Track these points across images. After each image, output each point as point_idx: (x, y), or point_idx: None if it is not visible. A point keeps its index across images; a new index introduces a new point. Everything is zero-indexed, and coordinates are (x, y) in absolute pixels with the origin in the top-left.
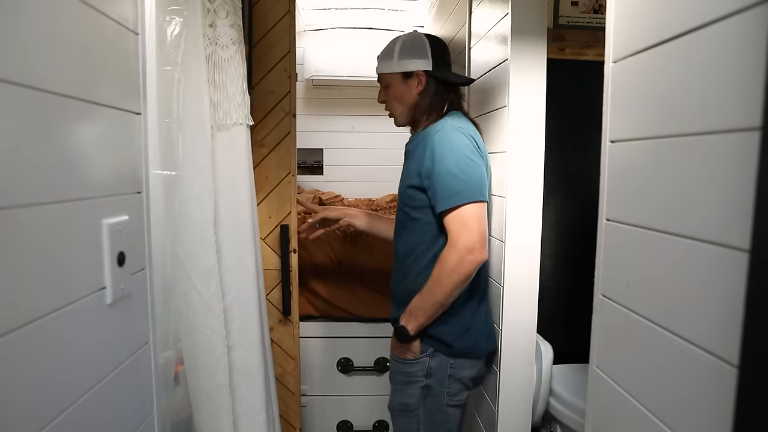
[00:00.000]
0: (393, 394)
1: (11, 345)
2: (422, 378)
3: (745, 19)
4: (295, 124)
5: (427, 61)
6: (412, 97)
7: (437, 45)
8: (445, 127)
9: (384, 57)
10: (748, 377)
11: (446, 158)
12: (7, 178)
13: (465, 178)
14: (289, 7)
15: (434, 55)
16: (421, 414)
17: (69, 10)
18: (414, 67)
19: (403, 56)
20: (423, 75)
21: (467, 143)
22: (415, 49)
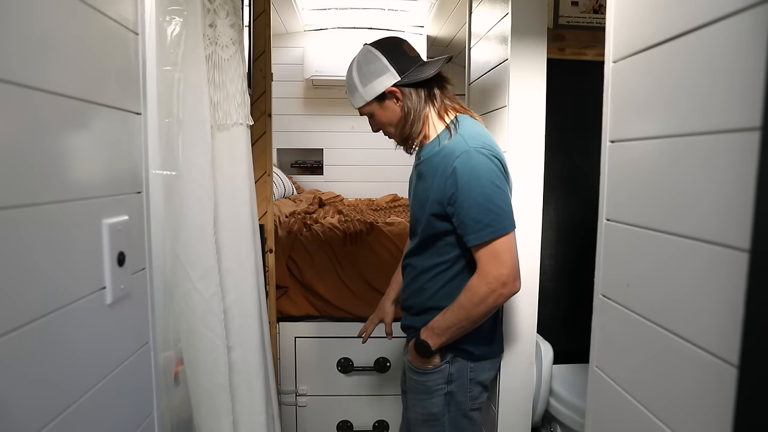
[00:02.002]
0: (413, 405)
1: (11, 345)
2: (444, 385)
3: (745, 19)
4: (271, 123)
5: (389, 73)
6: (397, 115)
7: (391, 48)
8: (468, 151)
9: (351, 91)
10: (748, 377)
11: (472, 188)
12: (7, 178)
13: (493, 209)
14: (265, 6)
15: (393, 61)
16: (446, 422)
17: (69, 10)
18: (381, 87)
19: (365, 82)
20: (395, 89)
21: (492, 168)
22: (371, 68)
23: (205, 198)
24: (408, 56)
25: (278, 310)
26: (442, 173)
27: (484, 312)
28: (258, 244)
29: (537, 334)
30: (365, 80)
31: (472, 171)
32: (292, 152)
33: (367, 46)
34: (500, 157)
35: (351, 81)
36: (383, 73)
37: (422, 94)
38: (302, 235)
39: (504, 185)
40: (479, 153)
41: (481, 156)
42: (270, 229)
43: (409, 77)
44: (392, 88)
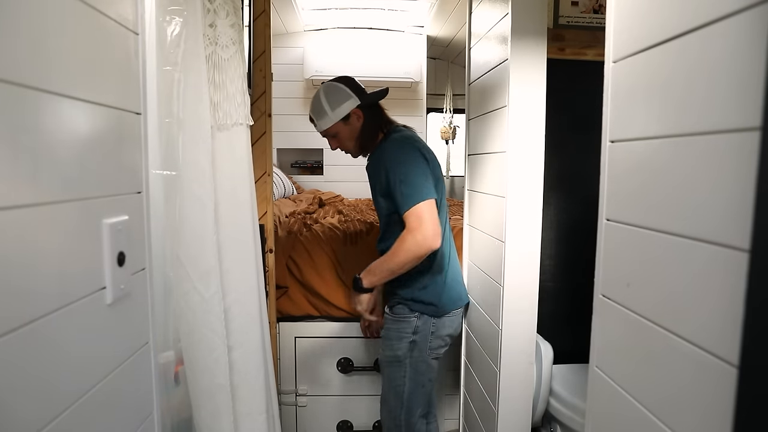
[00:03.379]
0: (384, 348)
1: (11, 345)
2: (410, 335)
3: (745, 19)
4: (271, 123)
5: (353, 98)
6: (357, 131)
7: (348, 81)
8: (392, 146)
9: (319, 116)
10: (748, 377)
11: (397, 171)
12: (7, 178)
13: (414, 182)
14: (265, 6)
15: (354, 90)
16: (407, 364)
17: (69, 9)
18: (348, 109)
19: (334, 106)
20: (357, 110)
21: (410, 153)
22: (339, 95)
23: (205, 198)
24: (360, 87)
25: (278, 310)
26: (378, 167)
27: (409, 259)
28: (258, 244)
29: (537, 334)
30: (334, 105)
31: (394, 158)
32: (292, 152)
33: (328, 82)
34: (419, 147)
35: (320, 108)
36: (348, 99)
37: (373, 113)
38: (302, 235)
39: (422, 164)
40: (399, 145)
41: (400, 146)
42: (270, 229)
43: (365, 101)
44: (356, 110)
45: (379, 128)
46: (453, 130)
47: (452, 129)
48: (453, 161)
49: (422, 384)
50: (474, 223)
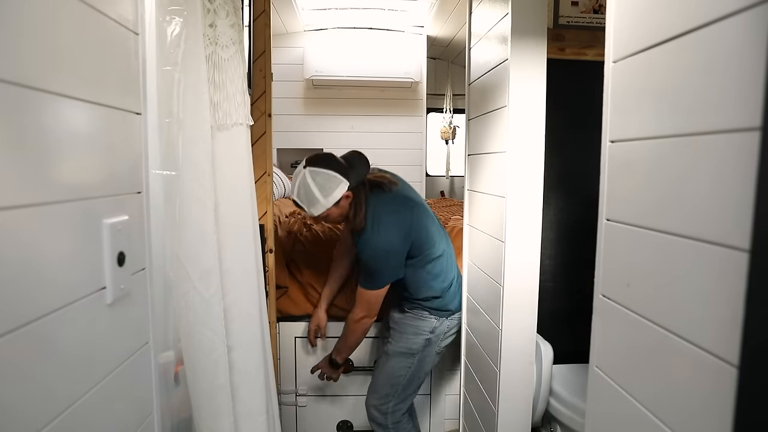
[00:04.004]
0: (397, 340)
1: (11, 345)
2: (427, 333)
3: (745, 19)
4: (271, 123)
5: (343, 182)
6: (347, 208)
7: (332, 163)
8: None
9: (310, 204)
10: (748, 377)
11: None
12: (7, 178)
13: (378, 269)
14: (265, 6)
15: (341, 171)
16: (417, 358)
17: (69, 10)
18: (339, 194)
19: (326, 194)
20: (348, 192)
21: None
22: (329, 182)
23: (205, 198)
24: (343, 165)
25: (278, 310)
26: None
27: (360, 337)
28: (258, 244)
29: (537, 334)
30: (326, 193)
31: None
32: (292, 152)
33: (312, 168)
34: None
35: (312, 197)
36: (339, 184)
37: (360, 189)
38: (302, 235)
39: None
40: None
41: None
42: (270, 229)
43: (352, 180)
44: (347, 192)
45: (365, 200)
46: (453, 130)
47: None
48: (453, 161)
49: (419, 376)
50: (474, 223)
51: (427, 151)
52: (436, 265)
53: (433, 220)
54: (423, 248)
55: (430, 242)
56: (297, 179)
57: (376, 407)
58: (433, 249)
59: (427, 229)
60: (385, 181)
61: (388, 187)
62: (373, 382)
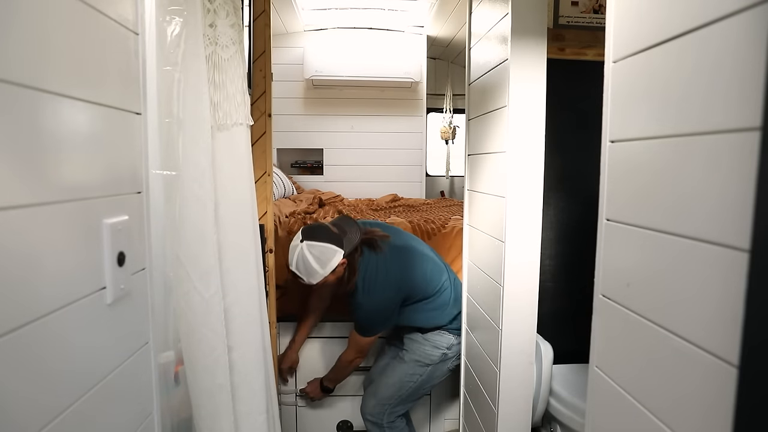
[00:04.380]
0: (412, 351)
1: (11, 345)
2: (445, 348)
3: (745, 19)
4: (271, 123)
5: (339, 252)
6: (342, 273)
7: (326, 234)
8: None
9: (310, 275)
10: (748, 377)
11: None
12: (7, 178)
13: (372, 320)
14: (265, 6)
15: (336, 242)
16: (430, 368)
17: (69, 10)
18: (335, 264)
19: (323, 266)
20: (343, 260)
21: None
22: (326, 254)
23: (205, 198)
24: (336, 234)
25: (278, 310)
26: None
27: (350, 370)
28: (258, 244)
29: (537, 334)
30: (323, 264)
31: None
32: (292, 152)
33: (309, 242)
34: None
35: (311, 269)
36: (335, 255)
37: (354, 253)
38: None
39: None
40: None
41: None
42: (270, 229)
43: (346, 248)
44: (342, 260)
45: (357, 263)
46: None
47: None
48: (453, 161)
49: (425, 388)
50: (474, 223)
51: (427, 151)
52: (439, 299)
53: (426, 259)
54: (421, 292)
55: (426, 283)
56: (295, 252)
57: (375, 406)
58: (429, 287)
59: (422, 271)
60: (376, 238)
61: (379, 246)
62: (377, 385)
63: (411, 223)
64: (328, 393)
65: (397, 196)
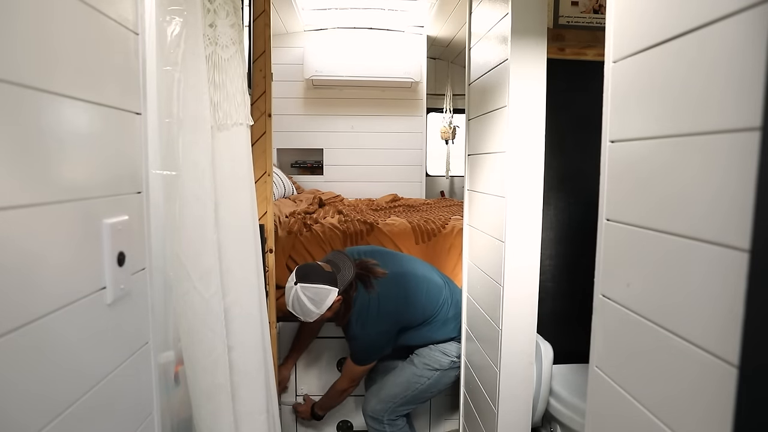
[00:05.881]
0: (424, 355)
1: (11, 345)
2: (455, 358)
3: (745, 19)
4: (271, 123)
5: (333, 291)
6: (338, 307)
7: (319, 275)
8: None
9: (306, 315)
10: (748, 377)
11: (353, 346)
12: (7, 178)
13: (366, 349)
14: (265, 6)
15: (330, 281)
16: (438, 373)
17: (69, 10)
18: (330, 302)
19: (318, 306)
20: (338, 298)
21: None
22: (320, 295)
23: (205, 198)
24: (330, 274)
25: (278, 310)
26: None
27: (342, 399)
28: (258, 244)
29: (537, 334)
30: (318, 304)
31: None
32: (292, 152)
33: (303, 285)
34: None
35: (306, 309)
36: (329, 294)
37: (349, 289)
38: (302, 235)
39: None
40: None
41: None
42: (270, 229)
43: (340, 285)
44: (338, 297)
45: (352, 298)
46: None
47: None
48: (453, 161)
49: (431, 391)
50: (474, 223)
51: (427, 151)
52: (438, 317)
53: (423, 282)
54: (420, 317)
55: (424, 308)
56: (290, 294)
57: (378, 404)
58: (427, 310)
59: (420, 298)
60: (371, 273)
61: (372, 283)
62: (382, 383)
63: (411, 223)
64: (318, 419)
65: (397, 196)
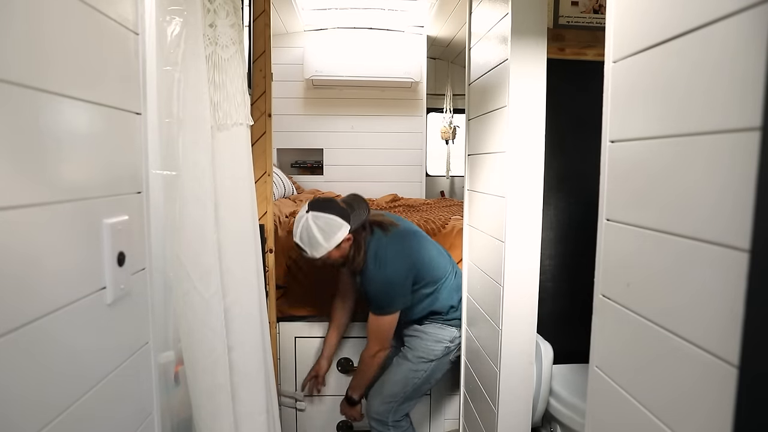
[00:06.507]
0: (415, 348)
1: (11, 345)
2: (447, 341)
3: (745, 19)
4: (271, 123)
5: (345, 226)
6: (347, 250)
7: (334, 207)
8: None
9: (312, 247)
10: (748, 377)
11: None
12: (7, 178)
13: (388, 293)
14: (265, 6)
15: (342, 215)
16: (434, 364)
17: (69, 10)
18: (341, 237)
19: (328, 237)
20: (349, 236)
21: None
22: (331, 226)
23: (205, 198)
24: (344, 209)
25: (278, 310)
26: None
27: (374, 369)
28: (258, 244)
29: (537, 334)
30: (327, 237)
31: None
32: (292, 152)
33: (315, 212)
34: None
35: (315, 241)
36: (340, 228)
37: (360, 230)
38: None
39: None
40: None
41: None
42: (270, 229)
43: (353, 224)
44: (348, 236)
45: (364, 241)
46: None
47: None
48: (453, 161)
49: (430, 382)
50: (474, 223)
51: (427, 151)
52: (443, 285)
53: (433, 245)
54: (428, 275)
55: (434, 266)
56: (300, 223)
57: (381, 405)
58: (437, 272)
59: (430, 254)
60: (385, 222)
61: (388, 228)
62: (381, 384)
63: None
64: (356, 404)
65: (397, 196)
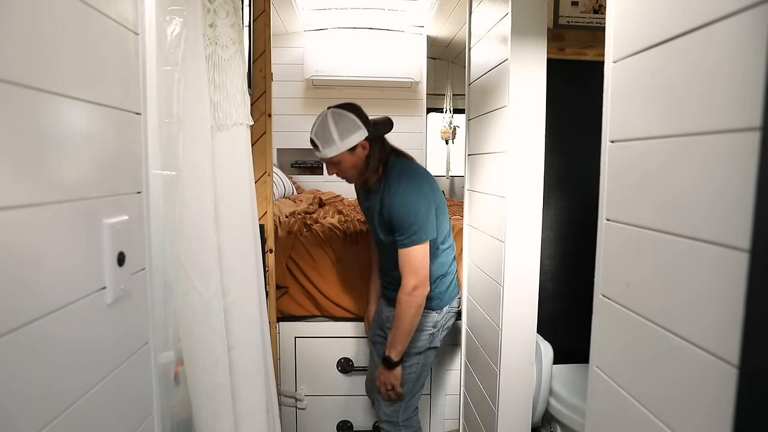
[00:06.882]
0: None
1: (11, 345)
2: (431, 327)
3: (745, 19)
4: (271, 123)
5: (362, 130)
6: (362, 161)
7: (356, 110)
8: (395, 182)
9: (325, 143)
10: (748, 377)
11: (398, 207)
12: (7, 178)
13: (415, 221)
14: (265, 6)
15: (362, 120)
16: (422, 355)
17: (69, 10)
18: (356, 140)
19: (343, 136)
20: (365, 142)
21: (414, 190)
22: (348, 125)
23: (205, 198)
24: (366, 118)
25: (278, 310)
26: (384, 200)
27: (414, 314)
28: (258, 244)
29: (537, 334)
30: (343, 135)
31: (399, 192)
32: (292, 152)
33: (335, 109)
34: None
35: (329, 135)
36: (357, 130)
37: (378, 145)
38: (302, 235)
39: (426, 202)
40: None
41: (408, 181)
42: (270, 229)
43: (371, 133)
44: (363, 141)
45: (381, 160)
46: (453, 130)
47: (452, 129)
48: (453, 161)
49: (426, 369)
50: (474, 223)
51: (427, 151)
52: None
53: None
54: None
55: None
56: (318, 120)
57: (388, 407)
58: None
59: (444, 204)
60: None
61: (409, 157)
62: None
63: None
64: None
65: None
